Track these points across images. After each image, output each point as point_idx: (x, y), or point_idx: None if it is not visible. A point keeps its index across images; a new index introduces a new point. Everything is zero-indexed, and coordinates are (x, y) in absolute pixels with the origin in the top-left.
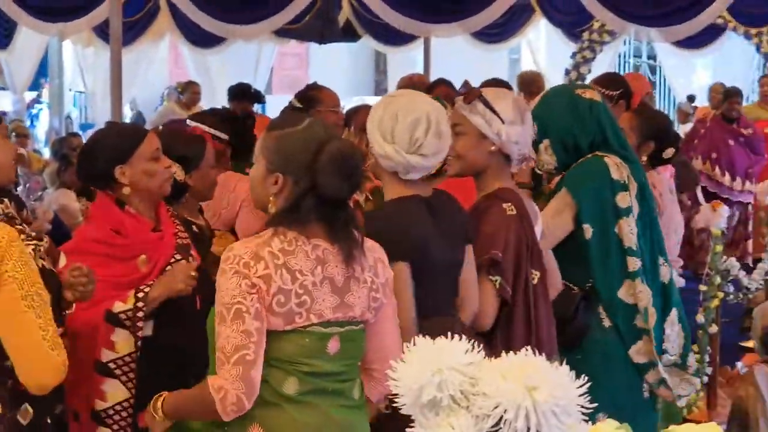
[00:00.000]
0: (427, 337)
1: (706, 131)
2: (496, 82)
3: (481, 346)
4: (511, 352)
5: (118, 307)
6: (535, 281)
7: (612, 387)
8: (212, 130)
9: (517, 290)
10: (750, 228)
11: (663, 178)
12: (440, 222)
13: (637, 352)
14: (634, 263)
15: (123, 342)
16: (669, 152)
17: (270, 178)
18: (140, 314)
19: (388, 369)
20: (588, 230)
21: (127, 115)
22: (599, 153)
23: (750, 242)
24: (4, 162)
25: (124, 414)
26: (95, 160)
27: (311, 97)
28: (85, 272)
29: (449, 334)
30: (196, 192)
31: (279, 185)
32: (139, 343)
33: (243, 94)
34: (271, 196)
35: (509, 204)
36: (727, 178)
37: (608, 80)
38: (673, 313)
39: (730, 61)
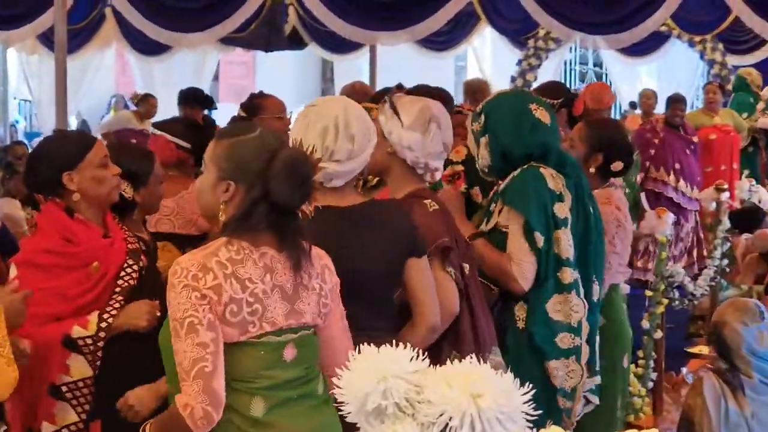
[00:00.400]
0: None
1: (661, 141)
2: (432, 91)
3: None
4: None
5: (78, 332)
6: (467, 272)
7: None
8: (175, 139)
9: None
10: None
11: (616, 191)
12: (365, 233)
13: (556, 369)
14: (570, 275)
15: (78, 367)
16: (616, 166)
17: (221, 185)
18: (101, 343)
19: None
20: (539, 239)
21: (73, 124)
22: (534, 163)
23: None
24: None
25: None
26: (43, 167)
27: (255, 105)
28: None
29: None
30: (143, 207)
31: (230, 193)
32: (96, 368)
33: (194, 99)
34: (222, 204)
35: (429, 200)
36: (690, 189)
37: (549, 89)
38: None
39: (674, 68)
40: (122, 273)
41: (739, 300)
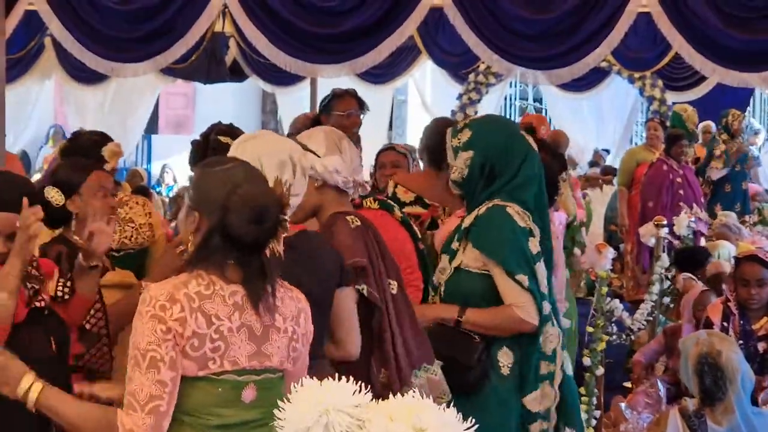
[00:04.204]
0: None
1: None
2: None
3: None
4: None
5: None
6: (395, 291)
7: (506, 429)
8: None
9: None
10: None
11: (552, 220)
12: (304, 263)
13: (534, 400)
14: (546, 307)
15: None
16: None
17: (190, 215)
18: None
19: None
20: (524, 280)
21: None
22: (499, 202)
23: None
24: None
25: None
26: None
27: (329, 105)
28: None
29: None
30: (80, 218)
31: (195, 223)
32: None
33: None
34: (190, 235)
35: (351, 216)
36: None
37: None
38: None
39: (615, 104)
40: None
41: (711, 332)
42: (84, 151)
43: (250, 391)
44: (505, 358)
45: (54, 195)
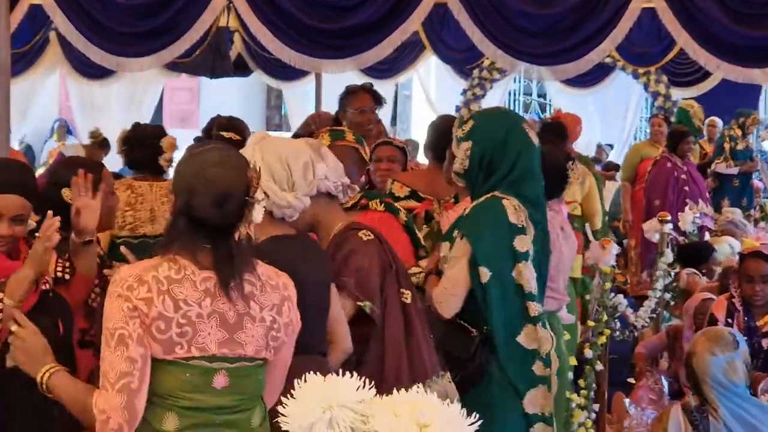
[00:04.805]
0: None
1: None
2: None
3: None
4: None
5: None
6: (408, 300)
7: (508, 426)
8: None
9: (385, 312)
10: None
11: (553, 216)
12: (308, 260)
13: (530, 401)
14: (535, 308)
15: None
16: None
17: (171, 197)
18: None
19: (274, 404)
20: (485, 273)
21: (16, 148)
22: (498, 194)
23: None
24: None
25: None
26: None
27: (343, 101)
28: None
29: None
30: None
31: (174, 205)
32: None
33: None
34: (170, 216)
35: (364, 231)
36: None
37: None
38: None
39: (619, 99)
40: None
41: (711, 330)
42: (144, 141)
43: (222, 378)
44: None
45: (66, 193)
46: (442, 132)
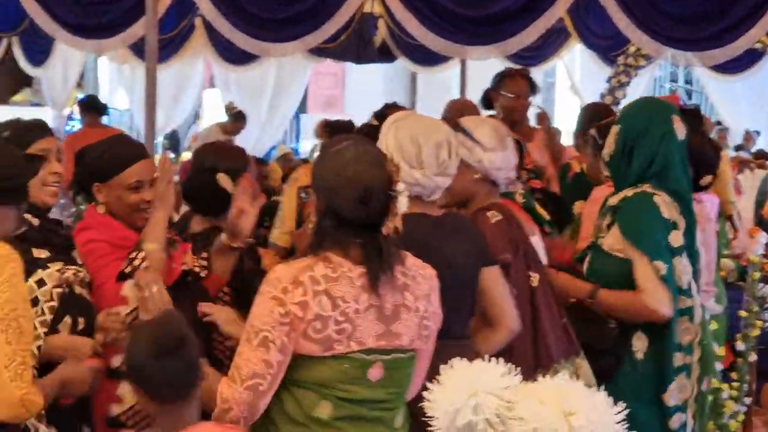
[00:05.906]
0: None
1: None
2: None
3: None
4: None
5: (119, 360)
6: (535, 284)
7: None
8: None
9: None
10: None
11: (703, 208)
12: (452, 241)
13: (670, 393)
14: (684, 302)
15: (130, 393)
16: (706, 180)
17: (313, 197)
18: None
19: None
20: (662, 267)
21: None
22: (648, 189)
23: None
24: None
25: None
26: (80, 169)
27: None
28: (122, 318)
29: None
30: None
31: (315, 204)
32: None
33: (93, 106)
34: (313, 216)
35: (492, 212)
36: None
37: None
38: None
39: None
40: None
41: None
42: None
43: (377, 370)
44: (639, 343)
45: (226, 182)
46: (590, 117)
